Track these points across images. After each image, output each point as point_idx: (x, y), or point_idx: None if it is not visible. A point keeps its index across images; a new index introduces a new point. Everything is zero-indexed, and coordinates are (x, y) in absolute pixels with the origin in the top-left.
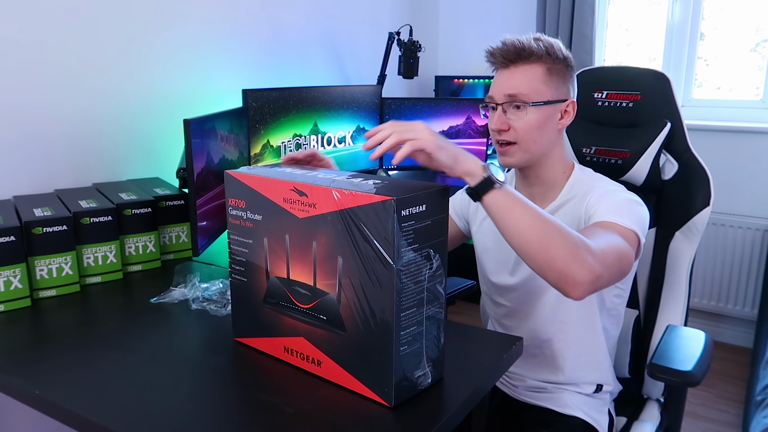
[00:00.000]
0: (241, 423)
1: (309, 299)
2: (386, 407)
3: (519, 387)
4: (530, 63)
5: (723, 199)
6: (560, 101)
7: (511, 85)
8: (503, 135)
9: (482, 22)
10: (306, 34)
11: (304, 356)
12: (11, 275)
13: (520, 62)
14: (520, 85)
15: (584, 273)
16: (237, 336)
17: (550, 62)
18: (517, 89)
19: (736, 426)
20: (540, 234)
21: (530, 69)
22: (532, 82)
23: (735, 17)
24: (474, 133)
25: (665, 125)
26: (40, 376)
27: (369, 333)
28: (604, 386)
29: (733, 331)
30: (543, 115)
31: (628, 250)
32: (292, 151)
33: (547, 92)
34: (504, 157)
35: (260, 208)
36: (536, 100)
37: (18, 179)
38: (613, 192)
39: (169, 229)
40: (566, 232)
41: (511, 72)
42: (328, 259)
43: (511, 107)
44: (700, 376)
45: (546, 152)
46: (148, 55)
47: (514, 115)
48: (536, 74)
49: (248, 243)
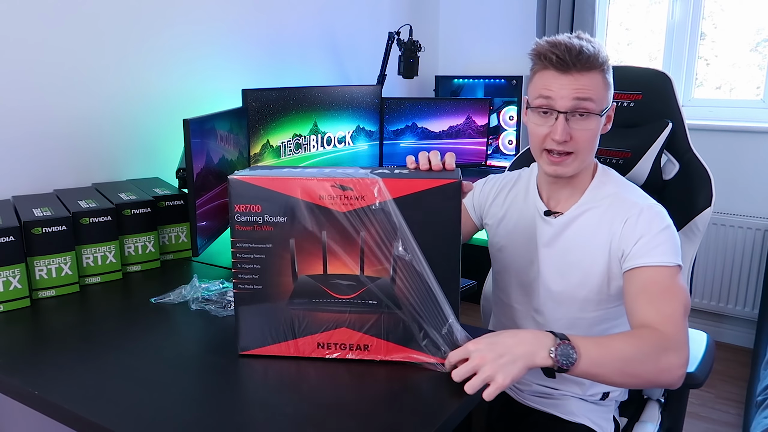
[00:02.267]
0: (241, 423)
1: (354, 288)
2: (386, 407)
3: (525, 391)
4: (595, 71)
5: (723, 199)
6: (609, 108)
7: (579, 90)
8: (564, 146)
9: (482, 22)
10: (306, 34)
11: (345, 346)
12: (10, 275)
13: (585, 69)
14: (589, 93)
15: (674, 372)
16: (245, 350)
17: (605, 69)
18: (586, 95)
19: (737, 426)
20: (623, 375)
21: (594, 76)
22: (598, 90)
23: (735, 17)
24: (474, 133)
25: (666, 125)
26: (39, 376)
27: (426, 303)
28: (611, 393)
29: (733, 332)
30: (600, 124)
31: (684, 291)
32: (291, 151)
33: (606, 100)
34: (557, 167)
35: (283, 210)
36: (602, 109)
37: (17, 179)
38: (642, 218)
39: (169, 229)
40: (642, 356)
41: (575, 78)
42: (380, 245)
43: (575, 116)
44: (702, 378)
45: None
46: (148, 55)
47: (577, 124)
48: (599, 82)
49: (265, 248)
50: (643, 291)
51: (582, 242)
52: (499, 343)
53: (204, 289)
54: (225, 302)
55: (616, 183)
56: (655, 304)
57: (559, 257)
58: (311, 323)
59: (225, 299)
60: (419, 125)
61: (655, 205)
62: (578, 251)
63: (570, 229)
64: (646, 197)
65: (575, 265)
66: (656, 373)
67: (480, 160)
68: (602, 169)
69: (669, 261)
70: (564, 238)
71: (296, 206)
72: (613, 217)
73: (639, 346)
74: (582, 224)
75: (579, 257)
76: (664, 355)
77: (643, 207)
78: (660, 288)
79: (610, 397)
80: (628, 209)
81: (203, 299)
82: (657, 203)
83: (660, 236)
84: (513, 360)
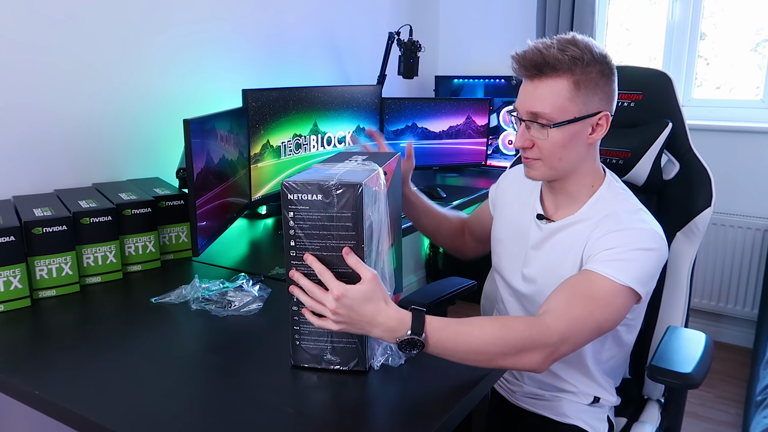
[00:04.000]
0: (241, 423)
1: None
2: (386, 407)
3: (517, 392)
4: (555, 77)
5: (723, 199)
6: (590, 116)
7: (533, 102)
8: (527, 152)
9: (482, 22)
10: (306, 34)
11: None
12: (11, 275)
13: (544, 76)
14: (543, 104)
15: (532, 367)
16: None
17: (578, 74)
18: (539, 108)
19: (736, 426)
20: (477, 357)
21: (555, 84)
22: (557, 99)
23: (735, 17)
24: (474, 133)
25: (666, 125)
26: (40, 376)
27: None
28: (601, 399)
29: (733, 331)
30: (568, 133)
31: (612, 315)
32: (292, 151)
33: (573, 109)
34: (528, 170)
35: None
36: (560, 120)
37: (18, 179)
38: (623, 233)
39: (169, 229)
40: (502, 350)
41: (534, 86)
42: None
43: (536, 127)
44: (699, 378)
45: (574, 167)
46: (148, 55)
47: (538, 133)
48: (561, 90)
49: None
50: (572, 286)
51: (565, 249)
52: (359, 316)
53: (204, 289)
54: (225, 302)
55: (618, 200)
56: (570, 300)
57: (543, 260)
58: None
59: (225, 299)
60: (419, 125)
61: (645, 229)
62: (561, 257)
63: (557, 236)
64: (644, 221)
65: (554, 270)
66: (512, 364)
67: (480, 160)
68: (608, 182)
69: (620, 279)
70: (551, 243)
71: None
72: (593, 230)
73: (503, 339)
74: (570, 233)
75: (560, 263)
76: (527, 354)
77: (631, 227)
78: (589, 293)
79: (601, 403)
80: (616, 224)
81: (203, 299)
82: (652, 228)
83: (631, 254)
84: (358, 329)
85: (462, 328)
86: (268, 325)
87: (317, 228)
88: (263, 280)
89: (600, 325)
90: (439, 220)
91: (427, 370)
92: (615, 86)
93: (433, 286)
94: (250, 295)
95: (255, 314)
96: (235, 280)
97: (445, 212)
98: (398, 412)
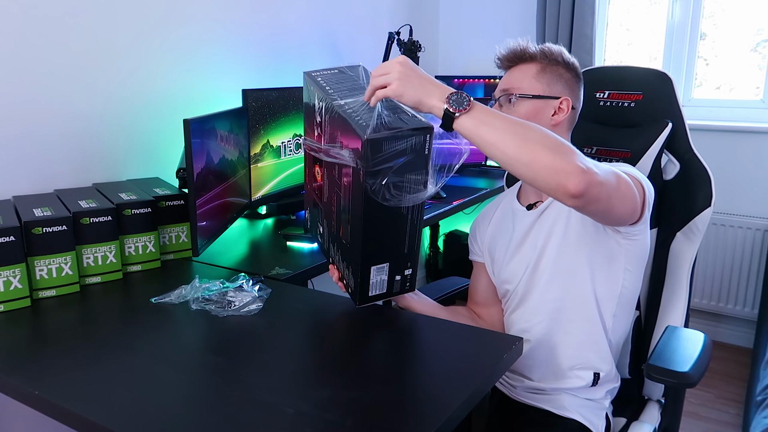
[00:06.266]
0: (241, 423)
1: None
2: (385, 407)
3: (517, 387)
4: (526, 63)
5: (723, 199)
6: (552, 98)
7: (506, 81)
8: None
9: (482, 22)
10: (306, 34)
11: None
12: (11, 275)
13: (518, 63)
14: (513, 81)
15: (573, 162)
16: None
17: (545, 62)
18: (509, 84)
19: (737, 426)
20: (516, 138)
21: (525, 68)
22: (524, 78)
23: (735, 17)
24: None
25: (666, 125)
26: (39, 376)
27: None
28: (601, 375)
29: (733, 331)
30: (532, 108)
31: (629, 181)
32: (292, 151)
33: (538, 87)
34: None
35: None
36: (525, 93)
37: (18, 179)
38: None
39: (169, 229)
40: (546, 132)
41: (510, 72)
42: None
43: (506, 102)
44: (696, 378)
45: None
46: (148, 55)
47: (508, 109)
48: (529, 71)
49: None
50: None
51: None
52: (415, 72)
53: (204, 289)
54: (225, 302)
55: None
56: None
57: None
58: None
59: (225, 299)
60: None
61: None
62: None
63: (543, 214)
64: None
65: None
66: (551, 163)
67: (480, 160)
68: None
69: (626, 169)
70: (541, 219)
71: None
72: None
73: (546, 135)
74: (551, 213)
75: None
76: (566, 156)
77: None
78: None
79: (601, 382)
80: None
81: (203, 299)
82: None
83: (621, 166)
84: (415, 85)
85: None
86: (268, 325)
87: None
88: (263, 280)
89: (620, 177)
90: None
91: (427, 369)
92: (581, 87)
93: (433, 285)
94: (250, 295)
95: (255, 314)
96: (235, 280)
97: (450, 311)
98: (398, 411)
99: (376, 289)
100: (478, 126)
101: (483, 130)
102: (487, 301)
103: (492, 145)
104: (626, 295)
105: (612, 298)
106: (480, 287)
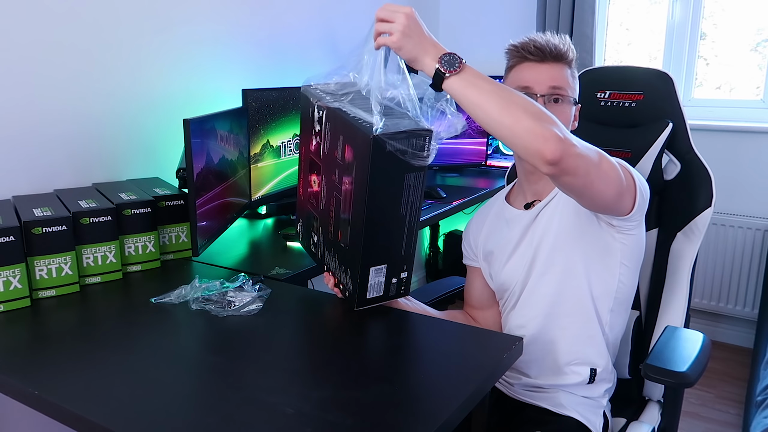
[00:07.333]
0: (241, 423)
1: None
2: (385, 406)
3: (515, 385)
4: (563, 63)
5: (723, 199)
6: (577, 103)
7: (554, 77)
8: None
9: (482, 22)
10: (306, 34)
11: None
12: (11, 275)
13: (554, 61)
14: (562, 80)
15: (551, 129)
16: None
17: (572, 65)
18: (560, 83)
19: (737, 426)
20: (501, 101)
21: (563, 68)
22: (568, 79)
23: (736, 17)
24: (474, 132)
25: (667, 125)
26: (39, 376)
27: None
28: (598, 371)
29: (733, 331)
30: (572, 112)
31: (614, 164)
32: (291, 151)
33: (576, 92)
34: None
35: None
36: (574, 96)
37: (17, 179)
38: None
39: (169, 229)
40: (531, 100)
41: (550, 66)
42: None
43: (551, 101)
44: (694, 378)
45: None
46: (148, 55)
47: (553, 108)
48: (569, 75)
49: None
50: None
51: (549, 219)
52: (418, 27)
53: (204, 289)
54: (225, 302)
55: None
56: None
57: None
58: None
59: (225, 299)
60: None
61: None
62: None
63: (547, 206)
64: None
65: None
66: (532, 127)
67: (480, 160)
68: None
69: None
70: (538, 217)
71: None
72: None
73: (530, 102)
74: (552, 207)
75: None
76: (546, 124)
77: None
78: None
79: (598, 379)
80: None
81: (203, 299)
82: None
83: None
84: (415, 42)
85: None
86: (268, 325)
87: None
88: (263, 280)
89: (603, 156)
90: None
91: (427, 369)
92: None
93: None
94: (250, 295)
95: (255, 314)
96: (235, 280)
97: (446, 315)
98: (398, 412)
99: (374, 292)
100: (466, 87)
101: (470, 91)
102: (482, 304)
103: (477, 106)
104: (623, 290)
105: (608, 293)
106: (475, 291)
